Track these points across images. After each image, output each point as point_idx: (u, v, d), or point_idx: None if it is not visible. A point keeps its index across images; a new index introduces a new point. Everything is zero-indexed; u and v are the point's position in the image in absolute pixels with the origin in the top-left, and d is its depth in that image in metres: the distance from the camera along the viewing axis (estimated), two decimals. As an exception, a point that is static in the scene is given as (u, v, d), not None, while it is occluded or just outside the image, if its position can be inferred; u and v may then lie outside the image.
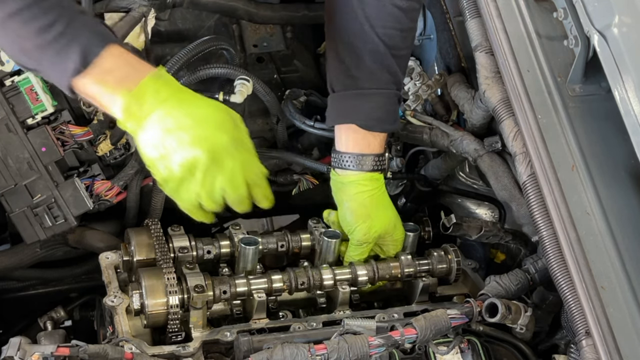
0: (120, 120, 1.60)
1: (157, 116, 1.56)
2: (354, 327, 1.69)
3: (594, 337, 1.56)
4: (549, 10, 1.82)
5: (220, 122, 1.62)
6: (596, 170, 1.69)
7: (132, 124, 1.58)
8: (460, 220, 1.94)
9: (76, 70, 1.53)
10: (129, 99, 1.56)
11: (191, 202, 1.67)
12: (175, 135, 1.56)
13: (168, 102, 1.57)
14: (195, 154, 1.57)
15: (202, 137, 1.58)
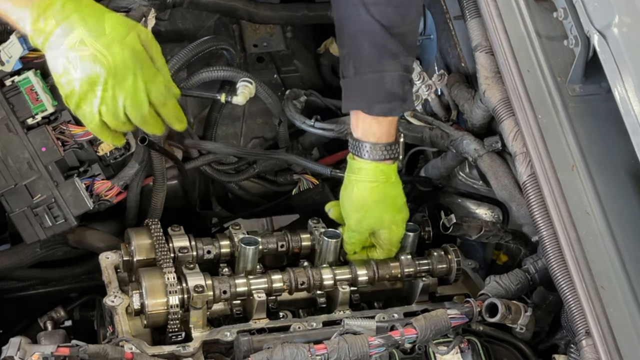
0: (30, 36, 1.61)
1: (61, 31, 1.58)
2: (354, 327, 1.69)
3: (594, 337, 1.56)
4: (549, 10, 1.82)
5: (122, 36, 1.60)
6: (596, 170, 1.69)
7: (41, 40, 1.60)
8: (460, 220, 1.94)
9: None
10: (36, 13, 1.57)
11: (94, 120, 1.65)
12: (76, 50, 1.57)
13: (72, 16, 1.58)
14: (95, 70, 1.57)
15: (102, 53, 1.57)
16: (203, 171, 2.34)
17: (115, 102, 1.61)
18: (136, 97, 1.62)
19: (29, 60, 2.02)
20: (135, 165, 2.14)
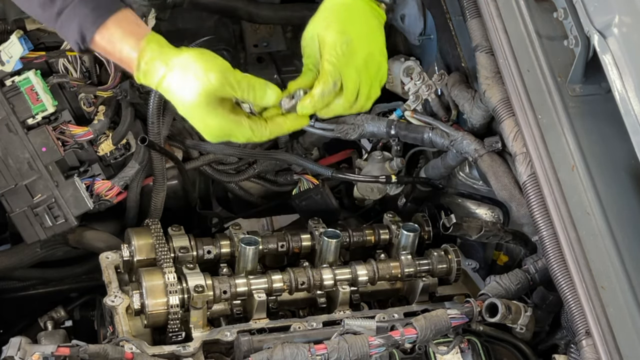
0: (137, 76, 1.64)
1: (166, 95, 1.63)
2: (354, 327, 1.69)
3: (594, 337, 1.56)
4: (549, 10, 1.82)
5: (199, 120, 1.63)
6: (596, 170, 1.69)
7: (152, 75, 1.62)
8: (460, 220, 1.94)
9: (77, 45, 1.61)
10: (135, 78, 1.62)
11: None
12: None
13: (160, 87, 1.62)
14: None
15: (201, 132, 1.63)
16: (203, 171, 2.35)
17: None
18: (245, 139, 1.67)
19: (29, 60, 2.03)
20: (135, 165, 2.15)
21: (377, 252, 2.02)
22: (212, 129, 1.64)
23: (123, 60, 1.63)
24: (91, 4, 1.60)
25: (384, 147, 2.35)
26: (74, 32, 1.60)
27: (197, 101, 1.60)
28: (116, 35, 1.61)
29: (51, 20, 1.62)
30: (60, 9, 1.59)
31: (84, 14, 1.59)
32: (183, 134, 2.26)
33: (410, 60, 2.31)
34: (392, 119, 2.19)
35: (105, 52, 1.63)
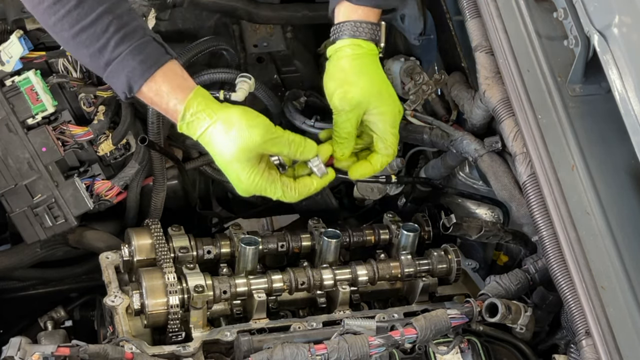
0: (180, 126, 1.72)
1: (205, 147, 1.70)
2: (354, 327, 1.69)
3: (594, 337, 1.56)
4: (549, 10, 1.82)
5: (236, 173, 1.70)
6: (596, 170, 1.69)
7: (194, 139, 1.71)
8: (460, 220, 1.94)
9: (124, 94, 1.69)
10: (179, 128, 1.70)
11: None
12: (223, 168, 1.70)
13: (198, 140, 1.69)
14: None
15: (233, 183, 1.71)
16: (203, 171, 2.34)
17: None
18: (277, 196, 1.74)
19: (29, 60, 2.03)
20: (135, 165, 2.14)
21: (377, 252, 2.02)
22: (246, 184, 1.70)
23: (168, 110, 1.70)
24: (139, 56, 1.66)
25: (383, 147, 2.34)
26: (121, 82, 1.67)
27: (237, 156, 1.67)
28: (163, 88, 1.68)
29: (99, 69, 1.69)
30: (109, 61, 1.66)
31: (131, 67, 1.66)
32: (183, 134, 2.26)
33: (410, 60, 2.31)
34: (392, 119, 2.19)
35: (151, 102, 1.71)
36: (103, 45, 1.65)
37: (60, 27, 1.65)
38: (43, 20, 1.67)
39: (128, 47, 1.66)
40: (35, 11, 1.67)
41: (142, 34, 1.69)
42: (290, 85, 2.42)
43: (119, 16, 1.67)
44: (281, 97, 2.36)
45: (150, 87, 1.68)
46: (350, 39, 1.81)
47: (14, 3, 2.04)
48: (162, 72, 1.68)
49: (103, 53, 1.66)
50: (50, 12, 1.64)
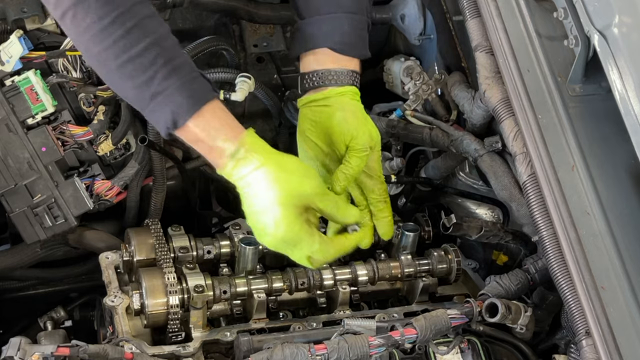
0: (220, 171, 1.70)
1: (240, 192, 1.67)
2: (354, 327, 1.69)
3: (594, 337, 1.56)
4: (549, 10, 1.82)
5: (279, 217, 1.67)
6: (596, 170, 1.69)
7: (235, 180, 1.69)
8: (460, 220, 1.94)
9: (167, 129, 1.64)
10: (219, 172, 1.68)
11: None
12: (253, 219, 1.67)
13: (240, 182, 1.67)
14: (262, 242, 1.70)
15: (264, 231, 1.67)
16: (203, 171, 2.34)
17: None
18: (303, 261, 1.72)
19: (29, 60, 2.03)
20: (135, 165, 2.14)
21: (377, 252, 2.02)
22: (283, 232, 1.66)
23: (214, 147, 1.65)
24: (186, 91, 1.62)
25: (384, 147, 2.34)
26: (166, 116, 1.62)
27: (284, 200, 1.65)
28: (213, 124, 1.65)
29: (142, 102, 1.64)
30: (155, 94, 1.61)
31: (178, 101, 1.61)
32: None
33: (410, 60, 2.31)
34: (392, 119, 2.19)
35: (195, 138, 1.65)
36: (150, 77, 1.60)
37: (106, 57, 1.60)
38: (87, 49, 1.62)
39: (176, 81, 1.62)
40: (80, 39, 1.61)
41: (190, 69, 1.65)
42: (290, 85, 2.42)
43: (166, 49, 1.63)
44: (281, 97, 2.36)
45: (197, 122, 1.64)
46: (352, 86, 1.85)
47: (14, 3, 2.04)
48: (210, 108, 1.65)
49: (149, 85, 1.61)
50: (96, 40, 1.58)
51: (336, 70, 1.83)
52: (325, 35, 1.84)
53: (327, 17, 1.85)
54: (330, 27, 1.84)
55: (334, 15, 1.85)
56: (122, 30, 1.59)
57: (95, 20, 1.57)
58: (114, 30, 1.59)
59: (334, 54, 1.84)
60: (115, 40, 1.59)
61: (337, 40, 1.84)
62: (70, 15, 1.57)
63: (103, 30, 1.58)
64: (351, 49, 1.86)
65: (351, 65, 1.86)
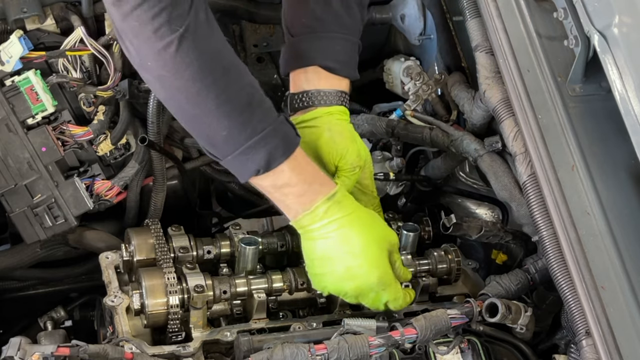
0: (291, 222, 1.75)
1: (318, 237, 1.72)
2: (354, 327, 1.69)
3: (594, 337, 1.56)
4: (549, 10, 1.82)
5: (374, 259, 1.74)
6: (596, 170, 1.69)
7: (299, 230, 1.75)
8: (460, 220, 1.94)
9: (256, 172, 1.63)
10: (301, 216, 1.71)
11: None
12: (330, 265, 1.73)
13: (331, 225, 1.71)
14: (342, 287, 1.75)
15: (352, 274, 1.73)
16: (203, 171, 2.34)
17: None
18: (380, 305, 1.80)
19: (29, 60, 2.03)
20: (135, 165, 2.14)
21: (377, 252, 2.02)
22: (380, 273, 1.74)
23: (309, 190, 1.68)
24: (280, 134, 1.63)
25: (384, 147, 2.35)
26: (259, 159, 1.60)
27: (382, 243, 1.75)
28: (309, 168, 1.68)
29: (234, 144, 1.59)
30: (250, 135, 1.58)
31: (274, 143, 1.61)
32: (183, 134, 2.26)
33: (410, 60, 2.31)
34: (392, 119, 2.19)
35: (287, 181, 1.66)
36: (247, 119, 1.58)
37: (206, 95, 1.54)
38: (186, 88, 1.54)
39: (272, 122, 1.60)
40: (181, 75, 1.52)
41: (276, 112, 1.64)
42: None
43: (257, 90, 1.61)
44: (281, 97, 2.35)
45: (293, 165, 1.64)
46: (339, 106, 1.87)
47: (14, 3, 2.04)
48: (300, 151, 1.67)
49: (246, 127, 1.58)
50: (198, 77, 1.53)
51: (325, 90, 1.85)
52: (317, 53, 1.85)
53: (319, 36, 1.86)
54: (322, 46, 1.85)
55: (326, 35, 1.86)
56: (221, 68, 1.55)
57: (197, 56, 1.51)
58: (214, 67, 1.54)
59: (324, 73, 1.85)
60: (216, 79, 1.54)
61: (329, 58, 1.85)
62: (175, 46, 1.50)
63: (204, 67, 1.53)
64: (342, 68, 1.87)
65: (341, 86, 1.88)
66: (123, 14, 1.49)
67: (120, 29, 1.54)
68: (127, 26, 1.51)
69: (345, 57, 1.89)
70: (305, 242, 1.77)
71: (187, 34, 1.50)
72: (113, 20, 1.54)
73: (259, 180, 1.67)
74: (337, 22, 1.86)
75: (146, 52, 1.53)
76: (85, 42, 2.02)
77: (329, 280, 1.76)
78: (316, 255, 1.75)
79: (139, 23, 1.49)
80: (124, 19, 1.50)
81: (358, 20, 1.90)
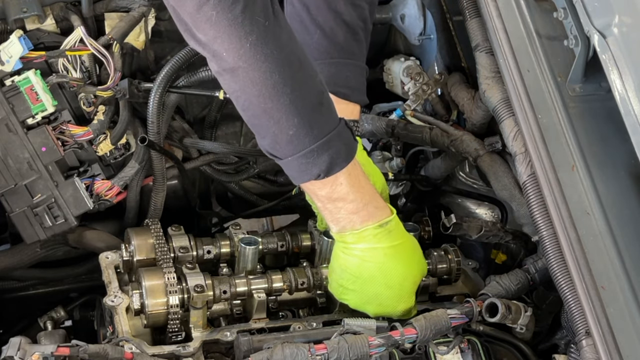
0: (332, 231, 1.73)
1: (358, 258, 1.71)
2: (354, 327, 1.69)
3: (594, 337, 1.56)
4: (549, 10, 1.82)
5: (406, 293, 1.76)
6: (596, 170, 1.69)
7: (340, 242, 1.72)
8: (460, 220, 1.94)
9: (317, 176, 1.59)
10: (348, 233, 1.69)
11: None
12: (361, 286, 1.73)
13: (376, 251, 1.69)
14: (364, 308, 1.77)
15: (380, 302, 1.74)
16: (203, 171, 2.34)
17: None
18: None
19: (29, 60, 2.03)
20: (135, 165, 2.14)
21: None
22: (405, 306, 1.76)
23: (362, 209, 1.66)
24: (344, 138, 1.59)
25: (384, 147, 2.35)
26: (322, 162, 1.56)
27: (414, 278, 1.77)
28: (366, 185, 1.66)
29: (297, 145, 1.55)
30: (317, 136, 1.54)
31: (337, 147, 1.57)
32: (182, 134, 2.26)
33: (410, 60, 2.31)
34: (392, 119, 2.19)
35: (347, 190, 1.63)
36: (315, 119, 1.53)
37: (282, 89, 1.48)
38: (261, 80, 1.47)
39: (336, 126, 1.56)
40: (261, 66, 1.46)
41: (338, 116, 1.61)
42: (290, 85, 2.41)
43: (326, 90, 1.57)
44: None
45: (351, 176, 1.62)
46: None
47: (13, 3, 2.04)
48: (359, 165, 1.65)
49: (312, 128, 1.53)
50: (276, 69, 1.47)
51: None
52: (328, 80, 1.79)
53: (328, 62, 1.85)
54: (333, 72, 1.85)
55: (336, 61, 1.85)
56: (298, 61, 1.51)
57: (277, 46, 1.46)
58: (292, 59, 1.50)
59: (336, 100, 1.79)
60: (293, 72, 1.49)
61: (340, 84, 1.85)
62: (256, 34, 1.44)
63: (283, 59, 1.47)
64: (353, 94, 1.88)
65: (353, 113, 1.89)
66: (198, 3, 1.42)
67: (192, 20, 1.46)
68: (202, 16, 1.43)
69: (356, 82, 1.89)
70: (342, 254, 1.75)
71: (268, 24, 1.45)
72: (182, 12, 1.46)
73: (315, 187, 1.64)
74: (345, 49, 1.87)
75: (223, 41, 1.45)
76: (85, 42, 2.02)
77: (354, 297, 1.76)
78: (350, 270, 1.74)
79: (216, 11, 1.42)
80: (199, 8, 1.42)
81: (364, 45, 1.91)
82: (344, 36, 1.86)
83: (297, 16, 1.87)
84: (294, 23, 1.86)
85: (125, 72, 2.11)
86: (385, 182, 1.93)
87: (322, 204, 1.68)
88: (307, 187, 1.66)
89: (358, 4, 1.88)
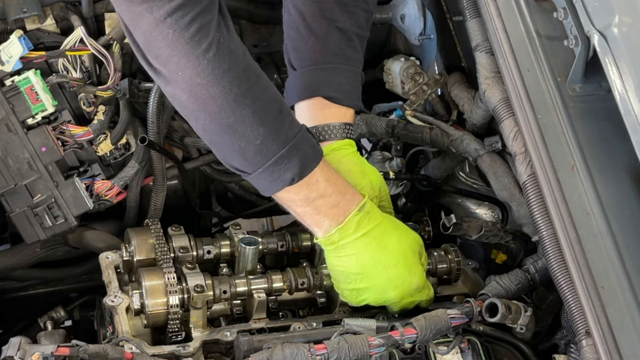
0: (317, 238, 1.72)
1: (353, 253, 1.71)
2: (354, 327, 1.69)
3: (594, 337, 1.56)
4: (549, 10, 1.82)
5: (411, 262, 1.76)
6: (596, 170, 1.69)
7: (328, 246, 1.72)
8: (460, 220, 1.94)
9: (291, 180, 1.59)
10: (334, 230, 1.68)
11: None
12: (370, 278, 1.73)
13: (364, 237, 1.70)
14: (384, 298, 1.77)
15: (394, 284, 1.74)
16: (203, 171, 2.34)
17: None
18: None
19: (29, 60, 2.03)
20: (135, 165, 2.14)
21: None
22: (419, 278, 1.76)
23: (341, 200, 1.66)
24: (309, 140, 1.61)
25: (384, 147, 2.35)
26: (293, 167, 1.58)
27: (415, 247, 1.78)
28: (339, 177, 1.67)
29: (267, 153, 1.56)
30: (285, 142, 1.55)
31: (304, 150, 1.59)
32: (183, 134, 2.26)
33: (410, 60, 2.31)
34: (392, 119, 2.19)
35: (323, 190, 1.64)
36: (279, 126, 1.55)
37: (242, 102, 1.49)
38: (227, 92, 1.49)
39: (299, 129, 1.59)
40: (222, 78, 1.47)
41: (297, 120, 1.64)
42: (290, 85, 2.41)
43: (282, 98, 1.60)
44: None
45: (324, 172, 1.62)
46: (346, 139, 1.88)
47: (14, 3, 2.04)
48: (326, 161, 1.66)
49: (279, 134, 1.55)
50: (239, 80, 1.49)
51: (330, 125, 1.86)
52: (321, 84, 1.84)
53: (321, 67, 1.86)
54: (326, 77, 1.86)
55: (329, 66, 1.86)
56: (255, 73, 1.53)
57: (234, 60, 1.48)
58: (250, 72, 1.51)
59: (328, 104, 1.85)
60: (252, 84, 1.50)
61: (332, 88, 1.86)
62: (214, 51, 1.46)
63: (241, 72, 1.49)
64: (346, 98, 1.88)
65: (346, 117, 1.88)
66: (154, 22, 1.43)
67: (146, 40, 1.47)
68: (158, 35, 1.44)
69: (349, 87, 1.89)
70: (337, 260, 1.75)
71: (223, 39, 1.47)
72: (136, 33, 1.47)
73: (290, 194, 1.64)
74: (338, 54, 1.87)
75: (179, 59, 1.46)
76: (85, 42, 2.02)
77: (370, 293, 1.76)
78: (354, 271, 1.74)
79: (173, 30, 1.43)
80: (155, 27, 1.43)
81: (359, 51, 1.91)
82: (337, 42, 1.87)
83: (292, 23, 1.89)
84: (290, 30, 1.89)
85: (125, 72, 2.11)
86: (384, 181, 1.93)
87: (302, 209, 1.68)
88: (282, 196, 1.65)
89: (353, 11, 1.89)
